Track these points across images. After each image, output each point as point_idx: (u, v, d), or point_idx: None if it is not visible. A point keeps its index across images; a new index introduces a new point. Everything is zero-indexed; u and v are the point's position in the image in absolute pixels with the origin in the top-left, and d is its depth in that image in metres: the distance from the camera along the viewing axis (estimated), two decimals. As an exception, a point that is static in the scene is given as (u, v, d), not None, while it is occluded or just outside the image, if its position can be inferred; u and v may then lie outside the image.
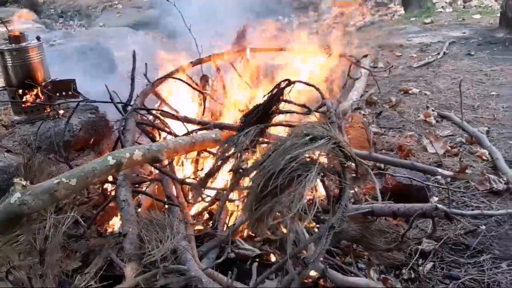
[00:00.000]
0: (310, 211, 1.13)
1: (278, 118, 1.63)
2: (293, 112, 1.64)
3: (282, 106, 1.59)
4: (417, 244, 2.40)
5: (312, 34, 11.02)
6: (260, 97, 3.09)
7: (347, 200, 1.27)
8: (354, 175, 1.31)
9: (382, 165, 3.02)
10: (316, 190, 1.18)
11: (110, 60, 4.69)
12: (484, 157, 3.31)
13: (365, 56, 5.30)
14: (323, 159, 1.23)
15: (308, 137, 1.19)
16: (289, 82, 1.55)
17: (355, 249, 2.22)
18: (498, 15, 7.56)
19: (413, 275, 2.23)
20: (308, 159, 1.16)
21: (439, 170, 2.44)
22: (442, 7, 9.67)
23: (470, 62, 5.62)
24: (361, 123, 2.74)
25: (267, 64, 4.08)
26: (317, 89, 1.80)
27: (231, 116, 3.02)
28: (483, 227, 2.55)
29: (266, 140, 1.53)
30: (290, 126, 1.67)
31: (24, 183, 1.52)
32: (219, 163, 1.42)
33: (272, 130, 1.78)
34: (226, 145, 1.37)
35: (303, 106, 1.66)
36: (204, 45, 3.92)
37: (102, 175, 1.79)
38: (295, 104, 1.63)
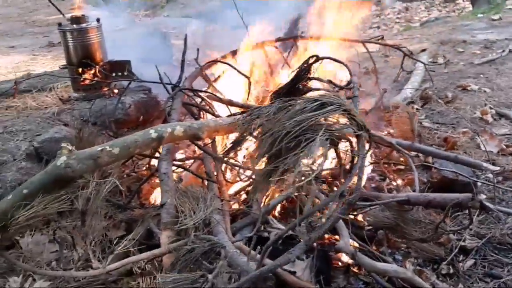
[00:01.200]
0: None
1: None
2: (321, 89, 1.65)
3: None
4: (459, 240, 2.33)
5: (373, 28, 10.82)
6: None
7: (362, 170, 1.27)
8: (368, 144, 1.30)
9: (430, 159, 2.94)
10: (326, 157, 1.19)
11: (167, 47, 4.84)
12: (545, 158, 3.14)
13: (423, 50, 5.15)
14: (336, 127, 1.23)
15: (318, 103, 1.20)
16: (317, 58, 1.56)
17: (390, 238, 2.19)
18: None
19: (451, 271, 2.17)
20: (318, 125, 1.17)
21: (484, 164, 2.34)
22: (514, 3, 9.14)
23: (537, 61, 5.30)
24: (407, 113, 2.68)
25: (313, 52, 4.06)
26: (346, 65, 1.79)
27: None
28: (533, 228, 2.43)
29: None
30: (306, 101, 1.67)
31: (70, 148, 1.63)
32: (243, 135, 1.45)
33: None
34: (249, 117, 1.40)
35: (330, 82, 1.66)
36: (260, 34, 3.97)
37: (143, 146, 1.88)
38: (321, 81, 1.64)
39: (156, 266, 1.85)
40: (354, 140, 1.30)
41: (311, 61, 1.56)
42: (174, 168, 2.26)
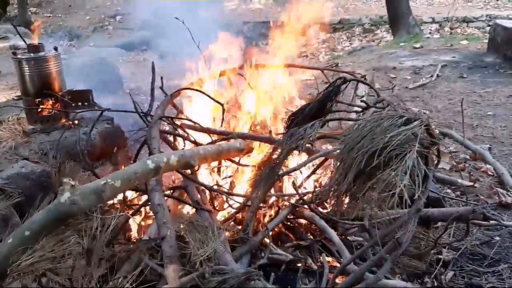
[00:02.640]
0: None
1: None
2: (343, 110, 1.69)
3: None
4: (436, 254, 2.44)
5: (302, 57, 11.26)
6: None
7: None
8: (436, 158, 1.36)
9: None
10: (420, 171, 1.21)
11: (115, 76, 4.70)
12: (489, 172, 3.40)
13: (364, 76, 5.42)
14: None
15: (404, 118, 1.24)
16: (345, 80, 1.61)
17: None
18: (485, 41, 7.85)
19: (436, 284, 2.26)
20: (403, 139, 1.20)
21: (459, 180, 2.49)
22: (430, 33, 9.97)
23: (463, 84, 5.80)
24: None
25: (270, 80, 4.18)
26: (372, 87, 1.86)
27: (245, 127, 3.06)
28: (498, 238, 2.61)
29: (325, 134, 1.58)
30: (351, 120, 1.72)
31: (73, 183, 1.52)
32: (284, 153, 1.43)
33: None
34: (291, 137, 1.39)
35: (363, 101, 1.71)
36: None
37: (142, 178, 1.80)
38: (345, 103, 1.69)
39: (161, 303, 1.75)
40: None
41: (338, 83, 1.60)
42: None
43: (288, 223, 2.28)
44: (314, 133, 1.39)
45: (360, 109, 1.84)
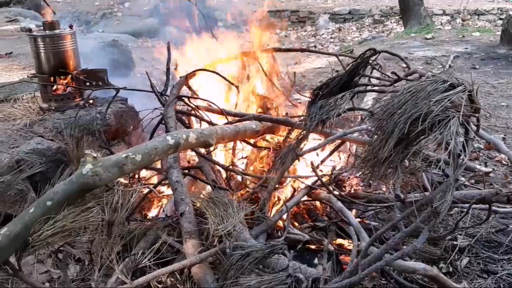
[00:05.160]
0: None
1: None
2: (374, 86, 1.67)
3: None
4: (451, 240, 2.43)
5: (311, 47, 11.17)
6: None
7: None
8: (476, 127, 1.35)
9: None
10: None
11: (127, 58, 4.68)
12: (504, 162, 3.37)
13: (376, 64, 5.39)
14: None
15: (447, 84, 1.22)
16: (374, 52, 1.59)
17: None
18: (497, 33, 7.77)
19: (451, 269, 2.25)
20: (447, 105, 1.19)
21: (477, 166, 2.47)
22: (441, 24, 9.87)
23: (476, 75, 5.74)
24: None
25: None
26: (402, 59, 1.85)
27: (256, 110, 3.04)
28: (513, 226, 2.60)
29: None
30: (382, 92, 1.71)
31: (94, 154, 1.51)
32: (313, 126, 1.41)
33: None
34: (320, 108, 1.37)
35: (393, 73, 1.70)
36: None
37: (162, 154, 1.79)
38: (374, 77, 1.67)
39: (178, 278, 1.75)
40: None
41: (367, 54, 1.58)
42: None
43: (304, 205, 2.27)
44: (345, 104, 1.37)
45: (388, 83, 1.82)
